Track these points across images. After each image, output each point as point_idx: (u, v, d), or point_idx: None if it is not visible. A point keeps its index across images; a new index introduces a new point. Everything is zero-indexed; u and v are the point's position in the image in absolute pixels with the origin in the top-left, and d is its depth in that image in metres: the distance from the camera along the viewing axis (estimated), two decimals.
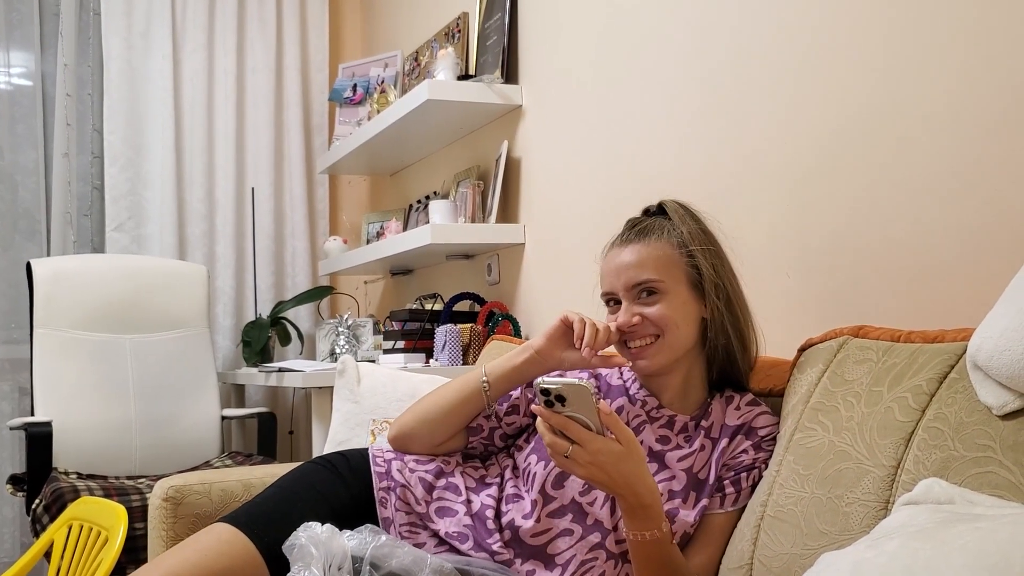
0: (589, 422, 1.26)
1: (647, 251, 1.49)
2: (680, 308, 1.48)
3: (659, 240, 1.50)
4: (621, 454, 1.26)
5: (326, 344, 3.54)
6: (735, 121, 2.00)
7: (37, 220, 3.61)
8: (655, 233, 1.51)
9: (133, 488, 2.75)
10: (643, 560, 1.35)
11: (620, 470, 1.27)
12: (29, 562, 1.98)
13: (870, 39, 1.68)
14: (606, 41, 2.46)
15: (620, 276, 1.50)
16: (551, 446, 1.27)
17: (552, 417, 1.26)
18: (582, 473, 1.27)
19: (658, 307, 1.47)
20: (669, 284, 1.48)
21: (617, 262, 1.51)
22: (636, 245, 1.50)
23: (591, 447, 1.25)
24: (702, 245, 1.50)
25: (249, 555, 1.43)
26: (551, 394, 1.25)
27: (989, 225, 1.47)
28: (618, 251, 1.52)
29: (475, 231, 2.87)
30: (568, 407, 1.25)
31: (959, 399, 1.21)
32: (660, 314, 1.47)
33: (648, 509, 1.31)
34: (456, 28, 3.23)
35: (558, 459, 1.28)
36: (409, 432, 1.62)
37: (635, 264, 1.49)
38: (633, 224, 1.56)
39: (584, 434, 1.26)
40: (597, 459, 1.26)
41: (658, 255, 1.49)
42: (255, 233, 3.80)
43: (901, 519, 1.00)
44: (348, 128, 3.66)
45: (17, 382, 3.56)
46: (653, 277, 1.47)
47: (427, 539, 1.52)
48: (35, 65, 3.64)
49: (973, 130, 1.50)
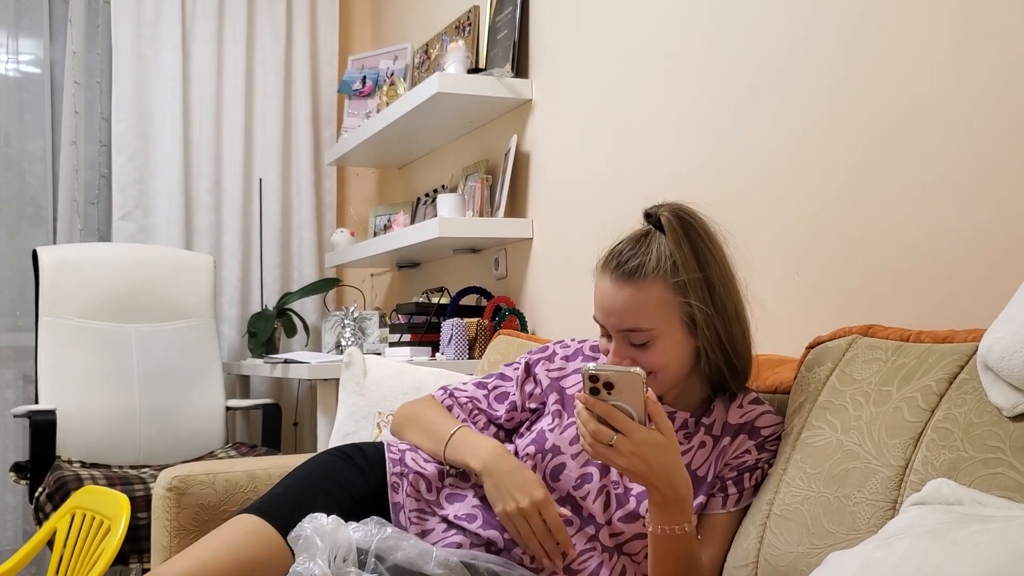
0: (633, 411, 1.22)
1: (640, 295, 1.40)
2: (672, 350, 1.42)
3: (653, 281, 1.40)
4: (663, 445, 1.24)
5: (332, 336, 3.54)
6: (745, 117, 1.99)
7: (44, 208, 3.61)
8: (649, 275, 1.40)
9: (136, 478, 2.75)
10: (665, 555, 1.32)
11: (661, 461, 1.24)
12: (32, 550, 1.98)
13: (882, 40, 1.67)
14: (616, 36, 2.45)
15: (609, 317, 1.43)
16: (594, 435, 1.23)
17: (597, 405, 1.22)
18: (623, 464, 1.24)
19: (650, 353, 1.41)
20: (661, 328, 1.41)
21: (607, 300, 1.43)
22: (629, 287, 1.40)
23: (636, 437, 1.22)
24: (700, 284, 1.41)
25: (277, 545, 1.44)
26: (599, 381, 1.21)
27: (1001, 226, 1.47)
28: (609, 284, 1.43)
29: (483, 225, 2.86)
30: (614, 395, 1.22)
31: (969, 400, 1.21)
32: (651, 361, 1.42)
33: (682, 501, 1.29)
34: (467, 21, 3.23)
35: (598, 448, 1.24)
36: (399, 434, 1.70)
37: (626, 311, 1.41)
38: (629, 250, 1.43)
39: (629, 423, 1.22)
40: (640, 449, 1.23)
41: (650, 299, 1.40)
42: (262, 224, 3.80)
43: (910, 519, 0.99)
44: (357, 120, 3.65)
45: (22, 370, 3.57)
46: (644, 327, 1.40)
47: (436, 525, 1.53)
48: (44, 53, 3.64)
49: (986, 130, 1.49)
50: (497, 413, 1.65)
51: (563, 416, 1.56)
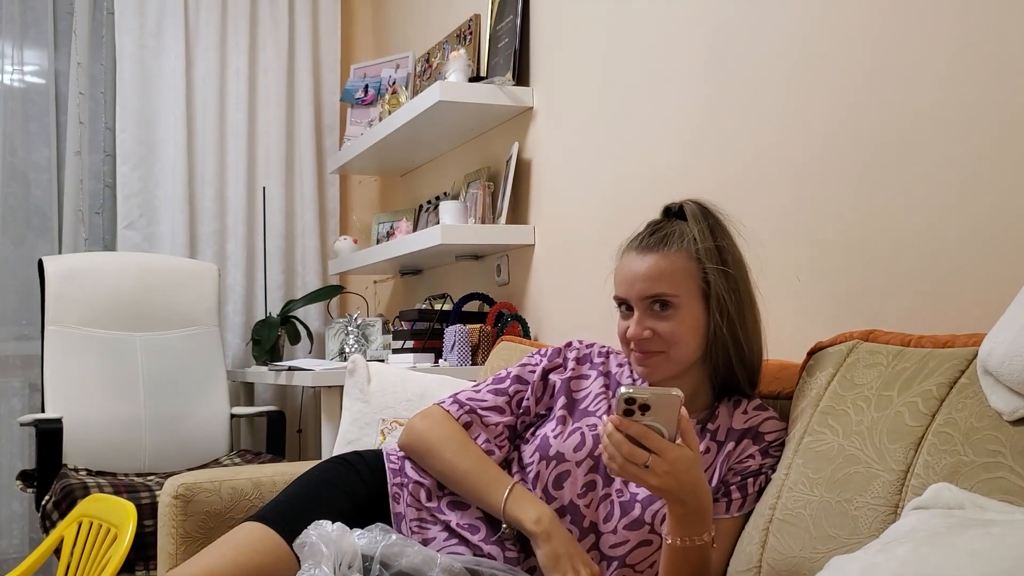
0: (664, 430, 1.22)
1: (665, 262, 1.46)
2: (691, 323, 1.46)
3: (678, 251, 1.47)
4: (692, 461, 1.24)
5: (335, 343, 3.55)
6: (746, 123, 2.00)
7: (49, 217, 3.63)
8: (675, 243, 1.47)
9: (142, 485, 2.76)
10: (681, 565, 1.32)
11: (691, 476, 1.24)
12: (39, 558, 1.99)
13: (883, 41, 1.68)
14: (617, 43, 2.46)
15: (635, 285, 1.47)
16: (628, 456, 1.21)
17: (632, 427, 1.21)
18: (655, 483, 1.22)
19: (670, 324, 1.45)
20: (683, 298, 1.45)
21: (633, 269, 1.48)
22: (654, 255, 1.47)
23: (669, 456, 1.21)
24: (717, 260, 1.47)
25: (282, 552, 1.45)
26: (636, 403, 1.20)
27: (1001, 230, 1.47)
28: (635, 257, 1.49)
29: (485, 232, 2.87)
30: (647, 416, 1.21)
31: (969, 404, 1.21)
32: (671, 331, 1.45)
33: (704, 512, 1.29)
34: (468, 30, 3.24)
35: (630, 469, 1.22)
36: (419, 460, 1.61)
37: (651, 276, 1.46)
38: (653, 230, 1.51)
39: (663, 443, 1.21)
40: (674, 468, 1.22)
41: (675, 267, 1.46)
42: (266, 232, 3.81)
43: (911, 524, 1.00)
44: (359, 128, 3.67)
45: (28, 378, 3.58)
46: (668, 292, 1.45)
47: (437, 533, 1.53)
48: (48, 63, 3.66)
49: (986, 134, 1.50)
50: (511, 421, 1.63)
51: (567, 422, 1.56)
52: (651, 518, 1.47)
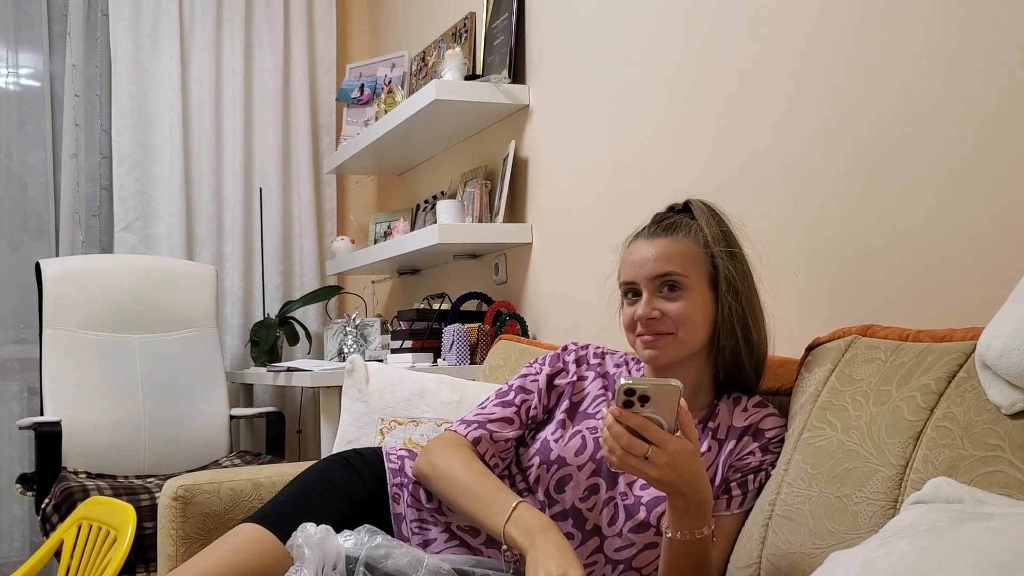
0: (664, 422, 1.22)
1: (674, 246, 1.49)
2: (699, 307, 1.48)
3: (686, 237, 1.50)
4: (692, 452, 1.24)
5: (334, 344, 3.55)
6: (743, 120, 2.00)
7: (46, 220, 3.62)
8: (682, 230, 1.51)
9: (142, 487, 2.76)
10: (681, 559, 1.32)
11: (690, 468, 1.24)
12: (39, 561, 1.99)
13: (880, 39, 1.68)
14: (613, 41, 2.46)
15: (644, 267, 1.49)
16: (628, 448, 1.21)
17: (632, 419, 1.21)
18: (655, 475, 1.22)
19: (679, 304, 1.47)
20: (692, 281, 1.48)
21: (642, 253, 1.50)
22: (663, 239, 1.50)
23: (669, 448, 1.21)
24: (725, 247, 1.50)
25: (279, 553, 1.43)
26: (635, 394, 1.20)
27: (998, 224, 1.47)
28: (643, 243, 1.52)
29: (482, 231, 2.87)
30: (647, 407, 1.21)
31: (968, 398, 1.21)
32: (679, 312, 1.46)
33: (704, 505, 1.29)
34: (463, 28, 3.24)
35: (629, 460, 1.22)
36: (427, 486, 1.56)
37: (661, 257, 1.48)
38: (660, 219, 1.55)
39: (662, 435, 1.21)
40: (674, 459, 1.22)
41: (684, 251, 1.49)
42: (263, 233, 3.81)
43: (910, 518, 1.00)
44: (355, 128, 3.66)
45: (26, 382, 3.58)
46: (678, 271, 1.47)
47: (437, 534, 1.53)
48: (43, 66, 3.65)
49: (982, 129, 1.50)
50: (520, 433, 1.60)
51: (567, 425, 1.56)
52: (656, 521, 1.46)
